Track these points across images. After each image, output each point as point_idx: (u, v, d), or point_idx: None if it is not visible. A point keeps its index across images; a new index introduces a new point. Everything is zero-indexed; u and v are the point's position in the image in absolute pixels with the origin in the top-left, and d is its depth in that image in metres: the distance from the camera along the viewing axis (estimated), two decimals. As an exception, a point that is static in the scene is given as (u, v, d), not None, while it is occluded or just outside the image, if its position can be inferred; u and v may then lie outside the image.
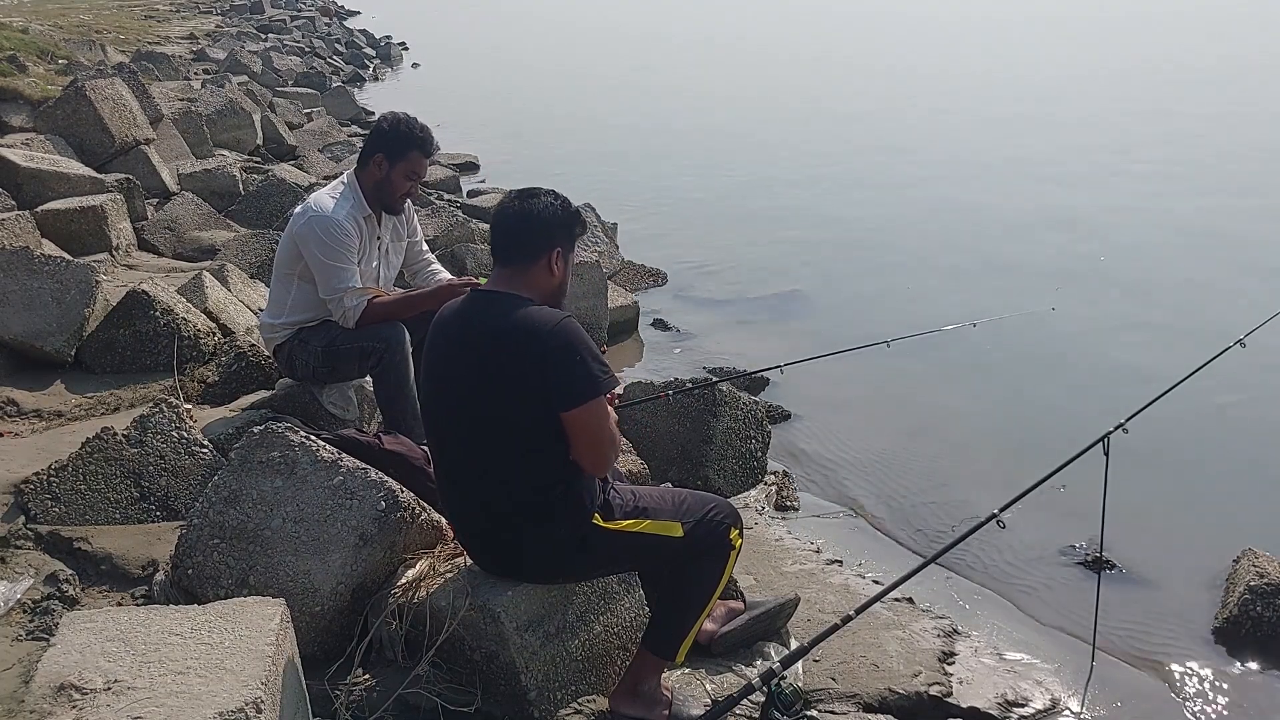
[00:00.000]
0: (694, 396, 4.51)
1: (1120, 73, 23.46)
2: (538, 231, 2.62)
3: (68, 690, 1.86)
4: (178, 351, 4.56)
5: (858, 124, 16.70)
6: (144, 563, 3.15)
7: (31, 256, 4.72)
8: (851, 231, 10.10)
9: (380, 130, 3.82)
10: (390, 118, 3.85)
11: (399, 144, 3.76)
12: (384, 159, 3.77)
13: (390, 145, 3.76)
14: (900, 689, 3.14)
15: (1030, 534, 4.30)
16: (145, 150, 8.17)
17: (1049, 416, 5.71)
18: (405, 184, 3.81)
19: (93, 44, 15.35)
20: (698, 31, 37.92)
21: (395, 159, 3.76)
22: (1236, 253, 9.01)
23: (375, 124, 3.93)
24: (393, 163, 3.76)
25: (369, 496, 2.81)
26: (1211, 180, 12.07)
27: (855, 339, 5.47)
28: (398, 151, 3.76)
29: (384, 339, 3.70)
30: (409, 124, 3.79)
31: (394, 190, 3.81)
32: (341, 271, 3.70)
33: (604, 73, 24.97)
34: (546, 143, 15.11)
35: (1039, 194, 11.47)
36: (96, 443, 3.43)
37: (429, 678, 2.61)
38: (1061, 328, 6.96)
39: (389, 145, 3.77)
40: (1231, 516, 4.61)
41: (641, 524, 2.64)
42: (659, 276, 8.35)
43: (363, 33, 32.89)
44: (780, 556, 4.01)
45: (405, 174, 3.79)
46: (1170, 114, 17.05)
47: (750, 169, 13.15)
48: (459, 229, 7.73)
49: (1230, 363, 4.04)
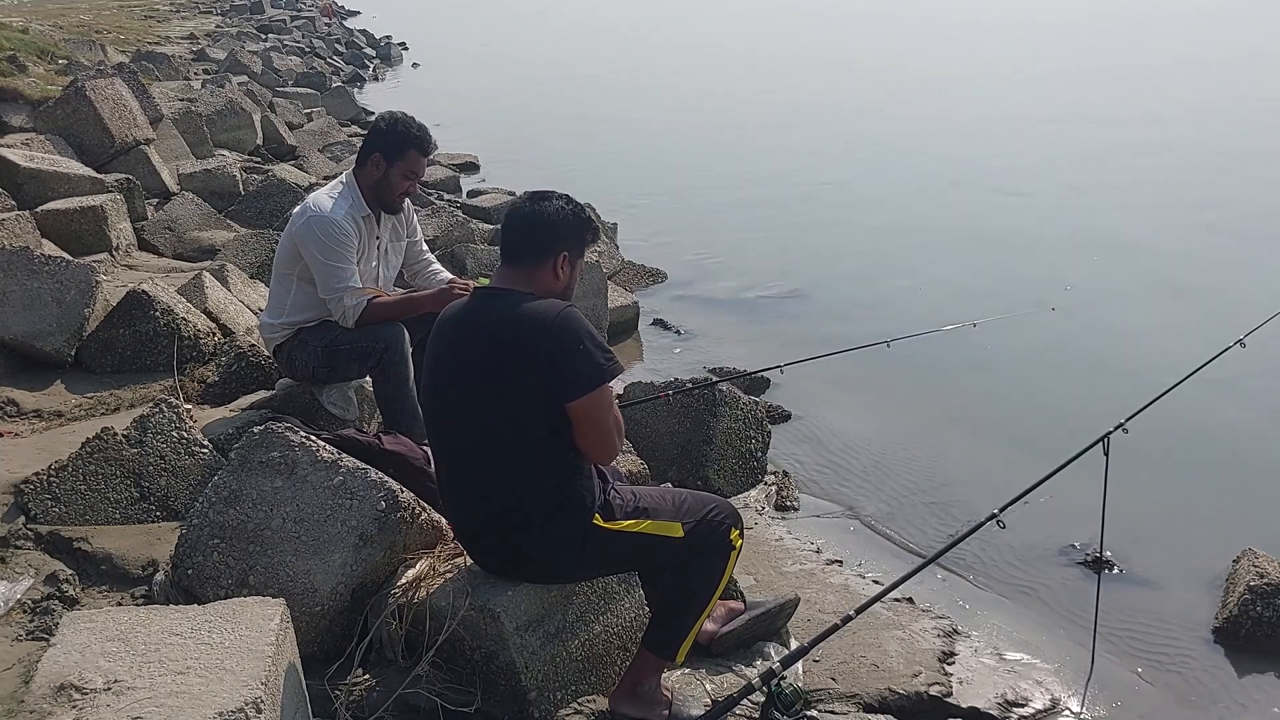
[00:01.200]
0: (694, 396, 4.51)
1: (1141, 68, 23.47)
2: (545, 234, 2.63)
3: (68, 690, 1.86)
4: (178, 351, 4.56)
5: (858, 125, 16.70)
6: (144, 563, 3.15)
7: (31, 256, 4.72)
8: (852, 231, 10.10)
9: (378, 130, 3.82)
10: (387, 117, 3.84)
11: (397, 143, 3.76)
12: (381, 158, 3.76)
13: (388, 145, 3.76)
14: (900, 689, 3.14)
15: (1030, 534, 4.29)
16: (145, 150, 8.17)
17: (1049, 416, 5.71)
18: (404, 183, 3.81)
19: (93, 44, 15.36)
20: (698, 32, 37.91)
21: (393, 158, 3.76)
22: (1237, 252, 9.02)
23: (373, 124, 3.93)
24: (391, 162, 3.76)
25: (369, 496, 2.81)
26: (1214, 179, 12.07)
27: (855, 339, 5.48)
28: (395, 151, 3.76)
29: (384, 339, 3.70)
30: (406, 123, 3.79)
31: (392, 189, 3.81)
32: (340, 271, 3.70)
33: (605, 72, 24.97)
34: (546, 143, 15.11)
35: (1039, 194, 11.48)
36: (96, 443, 3.43)
37: (429, 678, 2.61)
38: (1062, 328, 6.97)
39: (387, 145, 3.76)
40: (1231, 516, 4.61)
41: (642, 524, 2.64)
42: (659, 276, 8.35)
43: (363, 33, 32.90)
44: (780, 556, 4.01)
45: (404, 173, 3.79)
46: (1174, 113, 17.06)
47: (751, 169, 13.14)
48: (459, 229, 7.74)
49: (1230, 363, 4.04)
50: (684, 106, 18.81)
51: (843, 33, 37.47)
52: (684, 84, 22.27)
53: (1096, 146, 14.32)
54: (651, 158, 14.02)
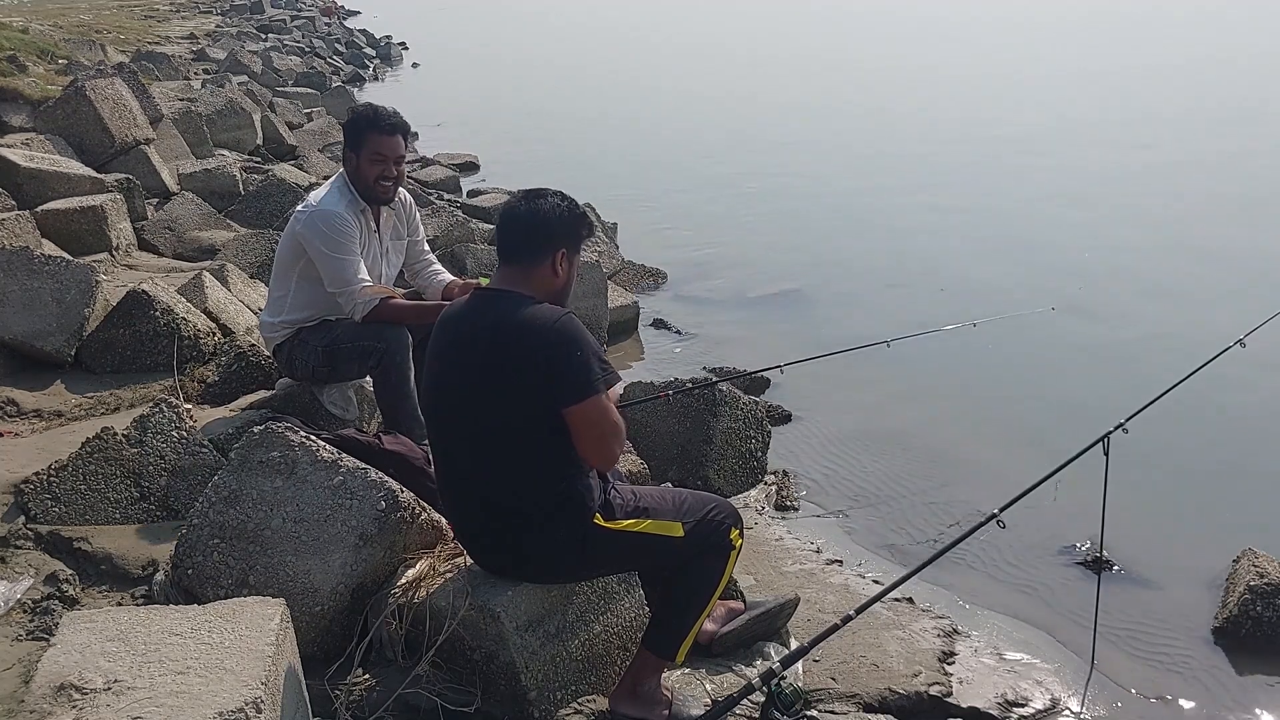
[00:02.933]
0: (694, 396, 4.51)
1: (1154, 68, 23.48)
2: (542, 232, 2.63)
3: (68, 690, 1.86)
4: (178, 351, 4.56)
5: (859, 124, 16.69)
6: (144, 563, 3.15)
7: (31, 256, 4.73)
8: (852, 231, 10.10)
9: (344, 127, 3.97)
10: (349, 110, 3.94)
11: (354, 132, 3.85)
12: (349, 151, 3.86)
13: (349, 136, 3.87)
14: (900, 689, 3.14)
15: (1030, 534, 4.29)
16: (145, 150, 8.17)
17: (1049, 416, 5.71)
18: (374, 168, 3.83)
19: (93, 44, 15.35)
20: (698, 32, 37.90)
21: (358, 147, 3.82)
22: (1237, 251, 9.01)
23: None
24: (357, 151, 3.82)
25: (369, 496, 2.81)
26: (1219, 178, 12.07)
27: (855, 339, 5.47)
28: (357, 139, 3.83)
29: (384, 339, 3.71)
30: (360, 110, 3.92)
31: (365, 176, 3.84)
32: (345, 262, 3.73)
33: (605, 72, 24.96)
34: (547, 142, 15.10)
35: (1040, 193, 11.47)
36: (96, 443, 3.43)
37: (429, 678, 2.61)
38: (1062, 327, 6.96)
39: (349, 137, 3.87)
40: (1231, 516, 4.60)
41: (642, 524, 2.64)
42: (659, 276, 8.34)
43: (363, 33, 32.88)
44: (780, 556, 4.01)
45: (369, 158, 3.82)
46: (1183, 112, 17.06)
47: (751, 169, 13.14)
48: (459, 229, 7.73)
49: (1230, 363, 4.04)
50: (684, 106, 18.80)
51: (843, 32, 37.47)
52: (684, 84, 22.25)
53: (1097, 146, 14.31)
54: (652, 157, 14.01)
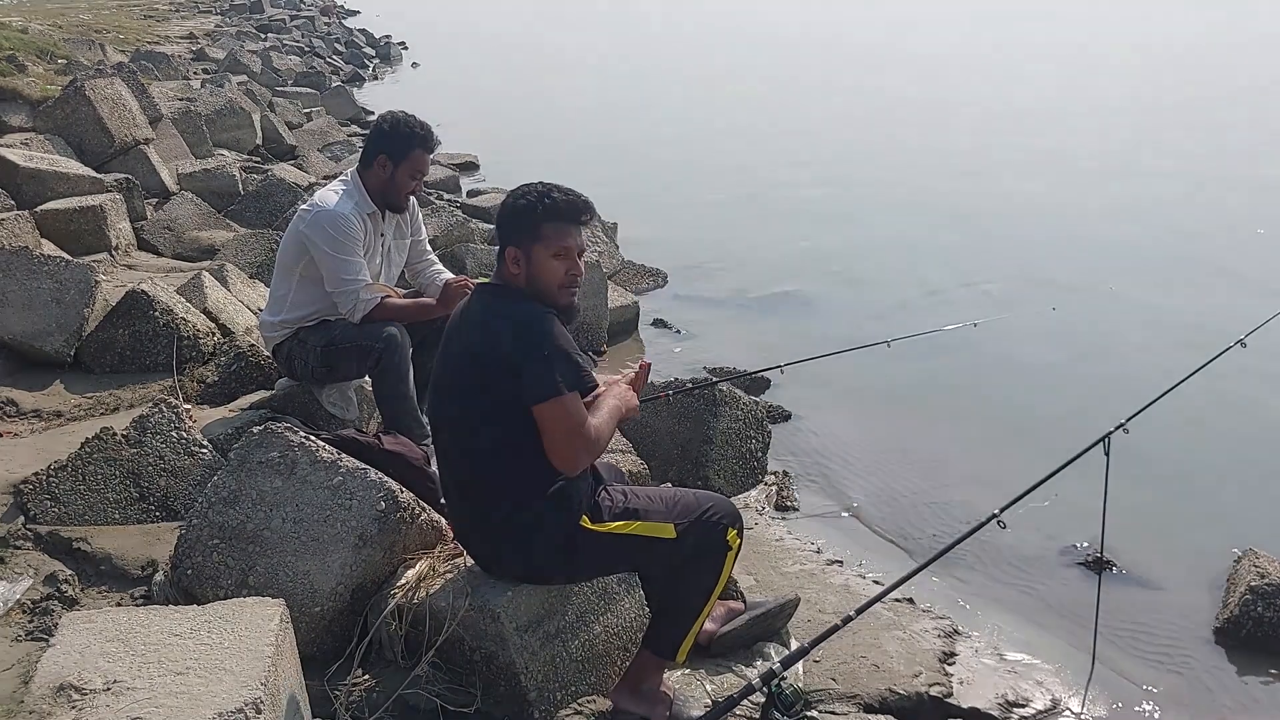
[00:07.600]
0: (694, 396, 4.51)
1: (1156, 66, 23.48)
2: (500, 228, 2.66)
3: (67, 690, 1.86)
4: (177, 351, 4.56)
5: (859, 125, 16.70)
6: (143, 563, 3.15)
7: (31, 256, 4.72)
8: (852, 231, 10.09)
9: (381, 131, 3.83)
10: (390, 118, 3.85)
11: (401, 143, 3.78)
12: (387, 159, 3.78)
13: (393, 145, 3.78)
14: (901, 689, 3.14)
15: (1030, 534, 4.29)
16: (145, 150, 8.16)
17: (1049, 416, 5.71)
18: (410, 182, 3.84)
19: (92, 44, 15.34)
20: (700, 30, 37.90)
21: (399, 159, 3.78)
22: (1238, 251, 9.01)
23: (375, 124, 3.94)
24: (397, 163, 3.78)
25: (369, 497, 2.80)
26: (1222, 179, 12.07)
27: (855, 339, 5.47)
28: (401, 151, 3.77)
29: (383, 339, 3.70)
30: (409, 123, 3.81)
31: (400, 189, 3.83)
32: (347, 264, 3.72)
33: (605, 72, 24.95)
34: (547, 142, 15.08)
35: (1041, 194, 11.47)
36: (96, 443, 3.43)
37: (429, 678, 2.61)
38: (1062, 327, 6.96)
39: (392, 145, 3.78)
40: (1232, 516, 4.60)
41: (631, 526, 2.63)
42: (659, 276, 8.33)
43: (362, 32, 32.86)
44: (780, 556, 4.00)
45: (410, 173, 3.82)
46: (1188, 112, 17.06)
47: (751, 169, 13.13)
48: (459, 229, 7.73)
49: (1230, 363, 4.04)
50: (684, 107, 18.79)
51: (840, 21, 37.46)
52: (684, 83, 22.25)
53: (1097, 146, 14.32)
54: (652, 157, 14.01)
